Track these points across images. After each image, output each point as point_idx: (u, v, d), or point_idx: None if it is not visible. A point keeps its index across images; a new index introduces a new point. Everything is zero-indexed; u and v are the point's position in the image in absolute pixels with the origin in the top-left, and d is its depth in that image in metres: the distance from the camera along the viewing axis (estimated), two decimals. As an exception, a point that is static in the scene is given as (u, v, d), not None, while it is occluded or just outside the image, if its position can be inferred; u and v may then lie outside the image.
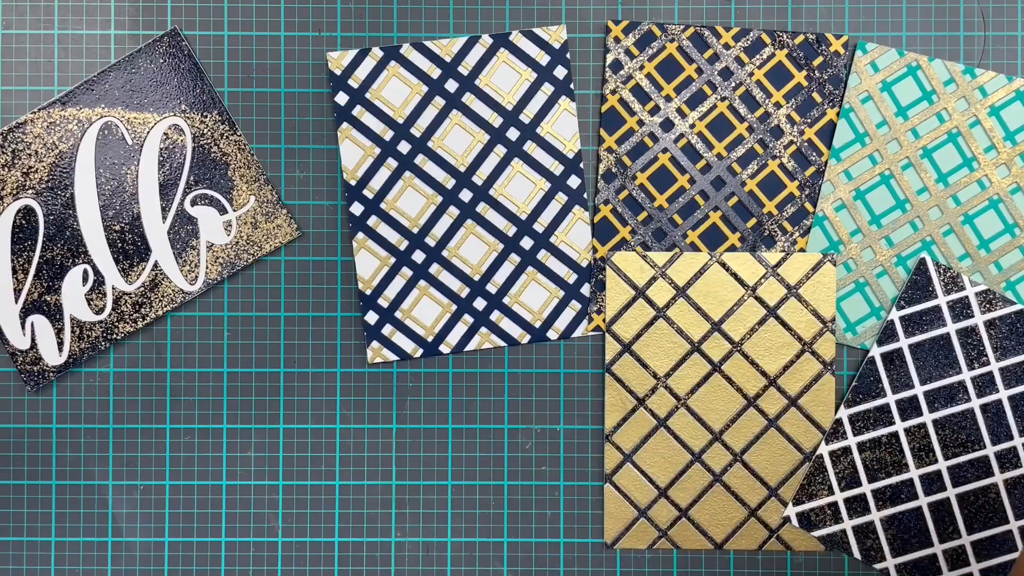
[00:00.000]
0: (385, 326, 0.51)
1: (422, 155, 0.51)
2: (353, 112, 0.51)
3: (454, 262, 0.51)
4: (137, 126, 0.51)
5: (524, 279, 0.51)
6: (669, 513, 0.52)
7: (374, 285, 0.51)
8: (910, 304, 0.51)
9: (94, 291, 0.51)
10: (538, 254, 0.51)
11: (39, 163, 0.50)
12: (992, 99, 0.51)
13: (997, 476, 0.51)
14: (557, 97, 0.51)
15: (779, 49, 0.51)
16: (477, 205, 0.51)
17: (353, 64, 0.51)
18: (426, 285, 0.51)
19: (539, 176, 0.51)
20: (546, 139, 0.51)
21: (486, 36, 0.51)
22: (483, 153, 0.51)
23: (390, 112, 0.51)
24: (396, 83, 0.51)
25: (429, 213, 0.51)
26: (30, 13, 0.51)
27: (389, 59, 0.51)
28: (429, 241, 0.51)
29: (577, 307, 0.51)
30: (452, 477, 0.52)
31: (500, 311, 0.51)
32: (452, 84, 0.51)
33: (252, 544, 0.52)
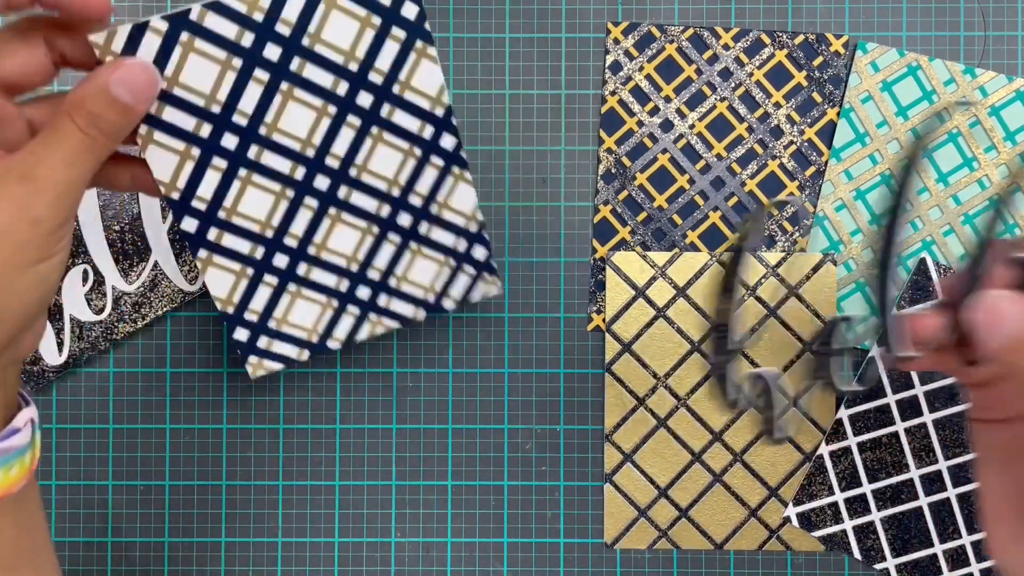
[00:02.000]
0: (259, 338, 0.45)
1: (256, 146, 0.41)
2: (152, 110, 0.39)
3: (324, 257, 0.44)
4: (137, 126, 0.51)
5: (408, 257, 0.45)
6: (669, 513, 0.52)
7: (236, 302, 0.44)
8: (910, 304, 0.51)
9: (94, 291, 0.51)
10: (419, 228, 0.44)
11: (39, 163, 0.50)
12: (992, 99, 0.51)
13: (997, 476, 0.51)
14: (412, 43, 0.41)
15: (779, 49, 0.51)
16: (338, 190, 0.42)
17: (130, 46, 0.38)
18: (297, 288, 0.44)
19: (406, 143, 0.42)
20: (406, 98, 0.41)
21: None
22: (332, 129, 0.41)
23: (199, 101, 0.40)
24: (197, 61, 0.39)
25: (282, 211, 0.42)
26: (30, 13, 0.51)
27: (179, 30, 0.39)
28: (289, 241, 0.43)
29: (471, 272, 0.45)
30: (452, 477, 0.52)
31: (387, 294, 0.45)
32: (273, 50, 0.40)
33: (252, 544, 0.52)
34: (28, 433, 0.37)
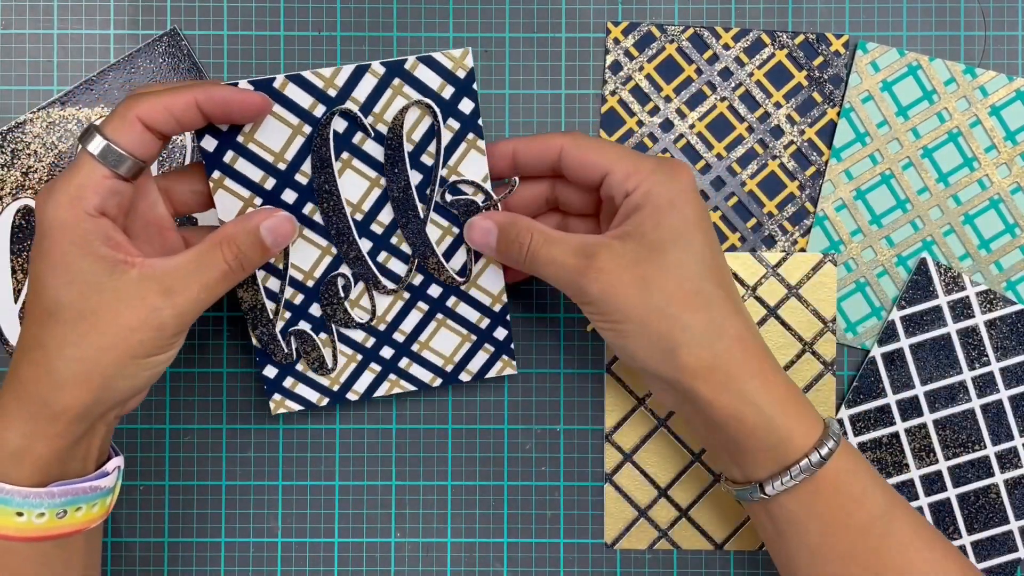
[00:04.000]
0: (286, 379, 0.48)
1: (311, 204, 0.45)
2: (225, 159, 0.44)
3: (355, 313, 0.47)
4: (137, 126, 0.51)
5: (433, 326, 0.48)
6: (669, 513, 0.52)
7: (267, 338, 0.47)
8: (911, 304, 0.51)
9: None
10: (447, 301, 0.47)
11: (38, 163, 0.50)
12: (993, 99, 0.51)
13: (998, 476, 0.51)
14: (464, 134, 0.45)
15: (779, 49, 0.51)
16: (378, 255, 0.46)
17: None
18: (327, 337, 0.48)
19: (446, 222, 0.46)
20: (455, 184, 0.46)
21: (377, 64, 0.44)
22: (381, 200, 0.45)
23: (268, 157, 0.44)
24: (272, 122, 0.44)
25: (324, 266, 0.46)
26: (29, 13, 0.51)
27: None
28: (326, 293, 0.47)
29: (491, 350, 0.49)
30: (452, 477, 0.52)
31: (408, 358, 0.48)
32: (340, 123, 0.44)
33: (252, 544, 0.52)
34: (114, 478, 0.42)
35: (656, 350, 0.41)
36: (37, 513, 0.39)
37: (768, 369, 0.42)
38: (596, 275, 0.41)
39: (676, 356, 0.41)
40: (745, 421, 0.41)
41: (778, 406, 0.41)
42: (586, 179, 0.44)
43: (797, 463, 0.41)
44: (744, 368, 0.41)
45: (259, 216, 0.43)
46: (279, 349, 0.47)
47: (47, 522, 0.39)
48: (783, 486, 0.41)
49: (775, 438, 0.41)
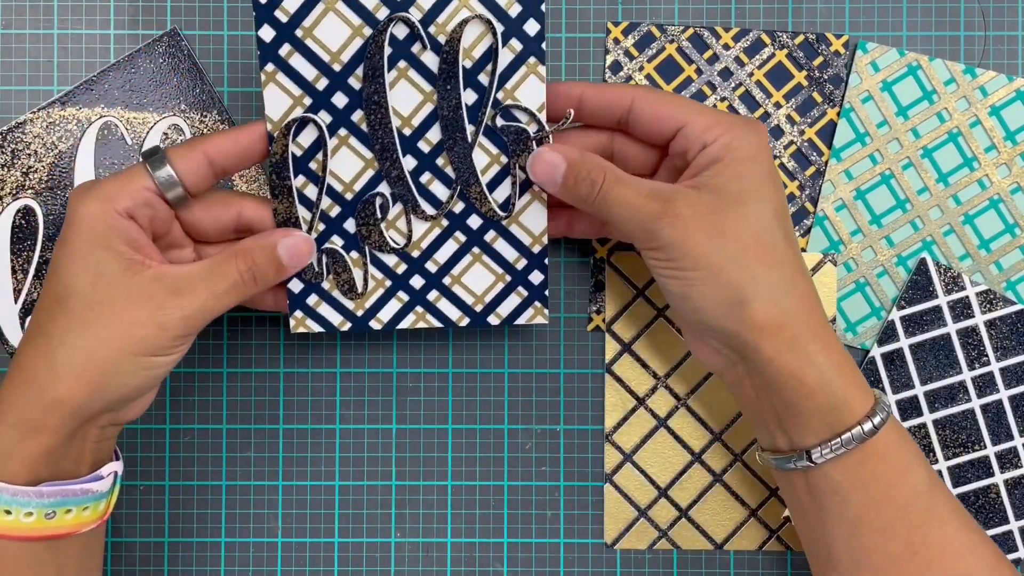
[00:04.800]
0: (310, 296, 0.46)
1: (360, 111, 0.44)
2: (280, 51, 0.42)
3: (390, 236, 0.45)
4: (137, 126, 0.51)
5: (468, 260, 0.46)
6: (669, 513, 0.52)
7: None
8: (910, 304, 0.51)
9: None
10: (486, 235, 0.46)
11: (39, 163, 0.50)
12: (992, 99, 0.51)
13: (997, 476, 0.51)
14: (525, 57, 0.43)
15: (779, 49, 0.51)
16: (422, 175, 0.45)
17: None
18: (358, 257, 0.46)
19: (496, 149, 0.44)
20: (509, 108, 0.44)
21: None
22: (432, 115, 0.44)
23: (324, 56, 0.43)
24: (333, 20, 0.42)
25: (365, 180, 0.45)
26: (29, 13, 0.51)
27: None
28: (363, 211, 0.45)
29: (524, 294, 0.47)
30: (452, 477, 0.52)
31: (438, 291, 0.46)
32: (402, 30, 0.43)
33: (252, 544, 0.52)
34: (108, 483, 0.42)
35: (724, 302, 0.40)
36: (25, 512, 0.39)
37: (829, 333, 0.41)
38: (672, 220, 0.40)
39: (745, 309, 0.40)
40: (805, 381, 0.40)
41: (837, 370, 0.41)
42: (657, 131, 0.44)
43: (850, 430, 0.40)
44: (808, 329, 0.41)
45: (278, 233, 0.43)
46: (308, 266, 0.45)
47: (35, 522, 0.39)
48: (832, 453, 0.41)
49: (832, 402, 0.40)
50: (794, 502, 0.44)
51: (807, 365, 0.40)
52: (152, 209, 0.41)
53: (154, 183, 0.41)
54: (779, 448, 0.43)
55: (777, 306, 0.40)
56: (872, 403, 0.41)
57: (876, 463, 0.41)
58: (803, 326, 0.41)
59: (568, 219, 0.48)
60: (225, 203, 0.44)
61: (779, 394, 0.41)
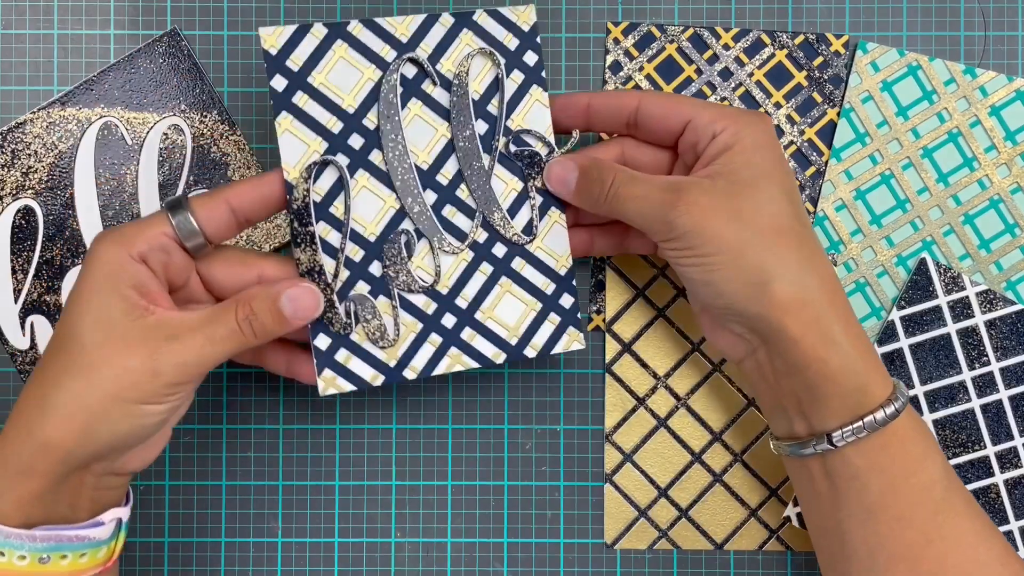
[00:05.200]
0: (339, 351, 0.44)
1: (377, 151, 0.44)
2: (294, 99, 0.43)
3: (417, 275, 0.45)
4: (137, 126, 0.51)
5: (498, 291, 0.46)
6: (669, 513, 0.52)
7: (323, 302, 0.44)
8: (910, 304, 0.51)
9: (94, 291, 0.51)
10: (512, 262, 0.46)
11: (39, 163, 0.50)
12: (992, 99, 0.51)
13: (998, 476, 0.51)
14: (528, 86, 0.45)
15: (779, 49, 0.51)
16: (442, 208, 0.45)
17: (292, 43, 0.43)
18: (387, 302, 0.45)
19: (511, 175, 0.46)
20: (519, 134, 0.45)
21: (446, 15, 0.44)
22: (447, 150, 0.45)
23: (338, 100, 0.44)
24: (344, 66, 0.44)
25: (387, 219, 0.44)
26: (30, 13, 0.51)
27: (335, 38, 0.44)
28: (388, 251, 0.45)
29: (556, 320, 0.46)
30: (452, 477, 0.52)
31: (472, 328, 0.45)
32: (409, 69, 0.44)
33: (252, 544, 0.52)
34: (109, 530, 0.41)
35: (747, 284, 0.40)
36: (18, 555, 0.38)
37: (850, 314, 0.42)
38: (687, 207, 0.41)
39: (769, 290, 0.40)
40: (829, 363, 0.40)
41: (859, 352, 0.41)
42: (666, 128, 0.44)
43: (872, 413, 0.40)
44: (831, 309, 0.41)
45: (284, 283, 0.42)
46: (336, 317, 0.44)
47: (29, 566, 0.38)
48: (854, 436, 0.41)
49: (855, 384, 0.41)
50: (808, 490, 0.44)
51: (831, 345, 0.40)
52: (168, 255, 0.41)
53: (173, 229, 0.41)
54: (797, 434, 0.43)
55: (799, 285, 0.40)
56: (892, 388, 0.42)
57: (895, 449, 0.41)
58: (826, 304, 0.41)
59: (588, 237, 0.48)
60: (245, 263, 0.43)
61: (802, 376, 0.41)
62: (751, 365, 0.44)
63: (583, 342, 0.47)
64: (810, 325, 0.40)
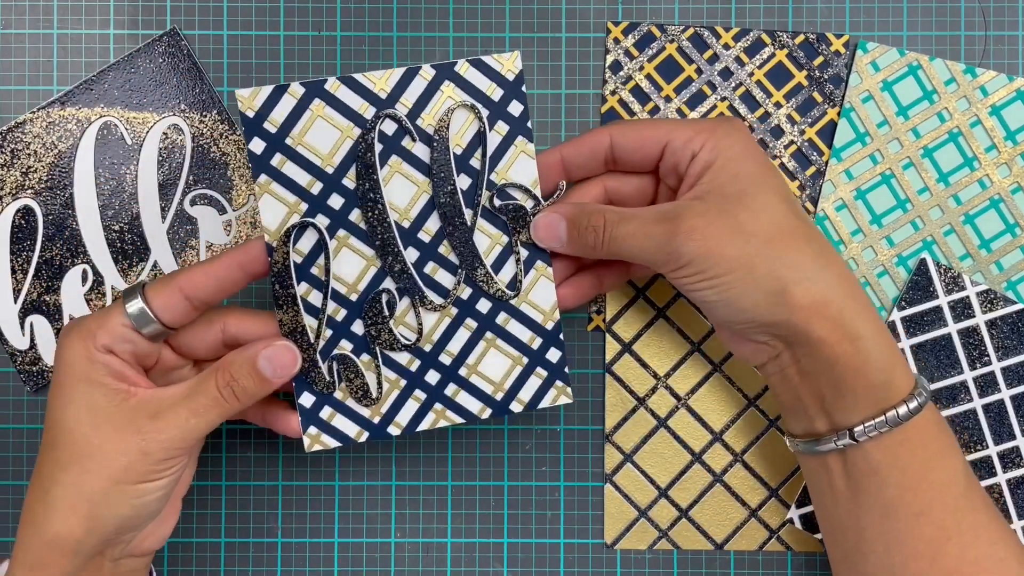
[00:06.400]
0: (323, 408, 0.45)
1: (357, 210, 0.44)
2: (272, 161, 0.43)
3: (400, 332, 0.45)
4: (136, 126, 0.51)
5: (482, 347, 0.45)
6: (669, 513, 0.52)
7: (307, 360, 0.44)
8: (911, 304, 0.51)
9: (93, 291, 0.51)
10: (497, 318, 0.45)
11: (38, 163, 0.50)
12: (993, 99, 0.51)
13: (1000, 476, 0.50)
14: (513, 138, 0.44)
15: (779, 49, 0.51)
16: (424, 266, 0.44)
17: (269, 104, 0.43)
18: (369, 359, 0.45)
19: (496, 230, 0.45)
20: (503, 187, 0.44)
21: (427, 67, 0.43)
22: (428, 208, 0.44)
23: (316, 160, 0.43)
24: (322, 125, 0.43)
25: (369, 278, 0.44)
26: (29, 13, 0.51)
27: (312, 97, 0.43)
28: (369, 311, 0.44)
29: (543, 375, 0.46)
30: (452, 477, 0.52)
31: (456, 384, 0.45)
32: (390, 126, 0.44)
33: (252, 544, 0.52)
34: None
35: (765, 295, 0.40)
36: None
37: (871, 307, 0.41)
38: (688, 234, 0.40)
39: (788, 296, 0.40)
40: (856, 358, 0.40)
41: (883, 347, 0.41)
42: (643, 157, 0.44)
43: (895, 407, 0.40)
44: (853, 303, 0.41)
45: (259, 344, 0.42)
46: (320, 376, 0.44)
47: None
48: (876, 431, 0.40)
49: (881, 378, 0.40)
50: (825, 487, 0.43)
51: (856, 340, 0.40)
52: (132, 343, 0.41)
53: (131, 322, 0.41)
54: (817, 431, 0.43)
55: (818, 284, 0.40)
56: (914, 383, 0.41)
57: (916, 444, 0.41)
58: (847, 299, 0.40)
59: (595, 278, 0.47)
60: (209, 320, 0.44)
61: (828, 374, 0.41)
62: (774, 368, 0.43)
63: (570, 396, 0.46)
64: (835, 322, 0.40)
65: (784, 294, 0.40)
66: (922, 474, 0.41)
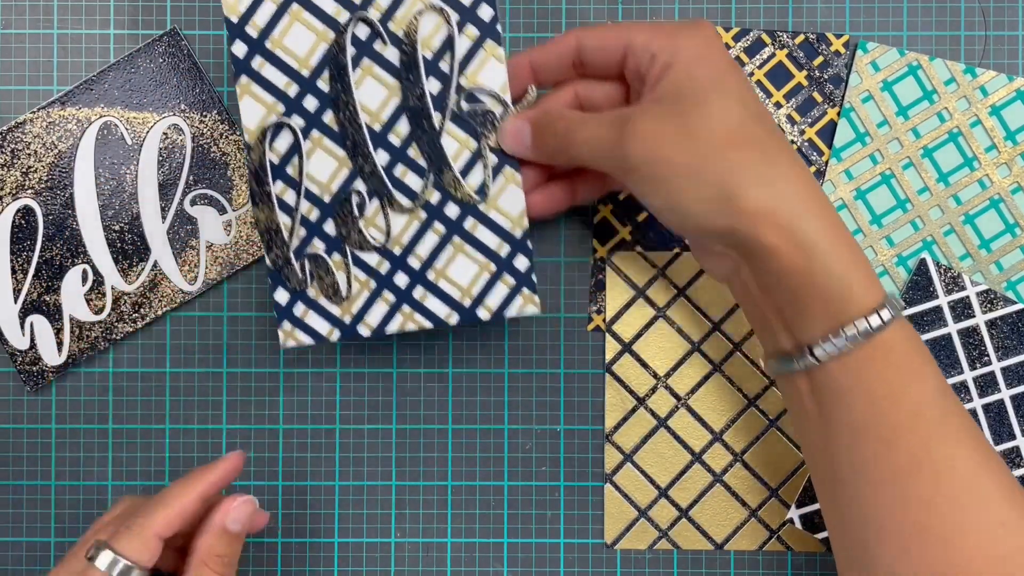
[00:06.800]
0: (297, 305, 0.46)
1: (331, 112, 0.45)
2: (253, 64, 0.45)
3: (369, 234, 0.46)
4: (136, 126, 0.51)
5: (450, 251, 0.46)
6: (669, 513, 0.52)
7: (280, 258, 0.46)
8: (911, 304, 0.51)
9: (93, 291, 0.51)
10: (465, 222, 0.45)
11: (38, 163, 0.50)
12: (993, 98, 0.51)
13: (998, 476, 0.50)
14: (482, 42, 0.44)
15: (779, 49, 0.51)
16: (394, 168, 0.45)
17: (252, 9, 0.44)
18: (341, 259, 0.46)
19: (464, 134, 0.45)
20: (472, 92, 0.45)
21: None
22: (400, 109, 0.45)
23: (293, 63, 0.45)
24: (299, 29, 0.44)
25: (341, 179, 0.45)
26: (29, 13, 0.51)
27: (291, 1, 0.44)
28: (340, 210, 0.46)
29: (511, 282, 0.46)
30: (452, 477, 0.52)
31: (424, 287, 0.46)
32: (363, 30, 0.44)
33: (252, 544, 0.52)
34: None
35: (711, 200, 0.39)
36: None
37: (833, 219, 0.39)
38: (635, 137, 0.39)
39: (734, 201, 0.38)
40: (810, 268, 0.38)
41: (842, 256, 0.39)
42: (607, 59, 0.43)
43: (854, 322, 0.38)
44: (804, 207, 0.39)
45: (220, 514, 0.42)
46: (293, 273, 0.46)
47: None
48: (836, 349, 0.38)
49: (835, 287, 0.38)
50: (798, 410, 0.42)
51: (807, 247, 0.38)
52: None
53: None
54: (784, 349, 0.41)
55: (765, 189, 0.38)
56: (880, 297, 0.39)
57: (882, 365, 0.39)
58: (797, 203, 0.38)
59: (569, 186, 0.47)
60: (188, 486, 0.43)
61: (784, 286, 0.39)
62: (737, 283, 0.42)
63: (538, 305, 0.46)
64: (786, 230, 0.38)
65: (730, 200, 0.38)
66: (890, 398, 0.38)
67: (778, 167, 0.39)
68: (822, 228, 0.39)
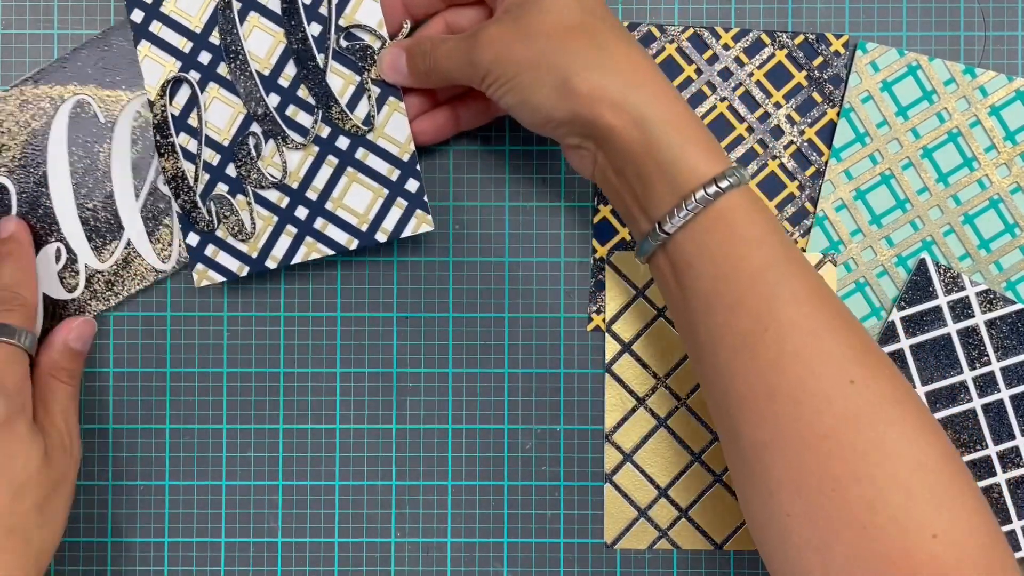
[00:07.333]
0: (207, 247, 0.49)
1: (223, 64, 0.49)
2: (151, 28, 0.49)
3: (268, 172, 0.49)
4: (110, 104, 0.51)
5: (345, 181, 0.49)
6: (669, 513, 0.52)
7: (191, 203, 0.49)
8: (911, 305, 0.51)
9: (67, 269, 0.51)
10: (356, 153, 0.49)
11: (12, 141, 0.50)
12: (992, 99, 0.51)
13: (1000, 476, 0.51)
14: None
15: (779, 49, 0.51)
16: (286, 109, 0.49)
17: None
18: (244, 199, 0.49)
19: (348, 70, 0.48)
20: (350, 30, 0.48)
21: None
22: (286, 53, 0.49)
23: (187, 23, 0.49)
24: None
25: (238, 124, 0.49)
26: (29, 13, 0.51)
27: None
28: (239, 153, 0.49)
29: (403, 204, 0.49)
30: (452, 477, 0.52)
31: (324, 217, 0.49)
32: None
33: (252, 544, 0.52)
34: None
35: (552, 88, 0.41)
36: None
37: (665, 91, 0.41)
38: (483, 43, 0.43)
39: (570, 85, 0.41)
40: (646, 141, 0.40)
41: (677, 126, 0.41)
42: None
43: (692, 193, 0.40)
44: (637, 90, 0.41)
45: (61, 332, 0.48)
46: (200, 216, 0.49)
47: None
48: (680, 220, 0.40)
49: (673, 159, 0.40)
50: (665, 292, 0.43)
51: (643, 124, 0.40)
52: None
53: None
54: (643, 231, 0.43)
55: (597, 71, 0.41)
56: (721, 166, 0.40)
57: (723, 231, 0.40)
58: (630, 86, 0.41)
59: (452, 113, 0.49)
60: None
61: (630, 164, 0.41)
62: (600, 175, 0.44)
63: (431, 224, 0.49)
64: (619, 107, 0.40)
65: (566, 85, 0.41)
66: (732, 264, 0.40)
67: (607, 50, 0.41)
68: (655, 103, 0.41)
